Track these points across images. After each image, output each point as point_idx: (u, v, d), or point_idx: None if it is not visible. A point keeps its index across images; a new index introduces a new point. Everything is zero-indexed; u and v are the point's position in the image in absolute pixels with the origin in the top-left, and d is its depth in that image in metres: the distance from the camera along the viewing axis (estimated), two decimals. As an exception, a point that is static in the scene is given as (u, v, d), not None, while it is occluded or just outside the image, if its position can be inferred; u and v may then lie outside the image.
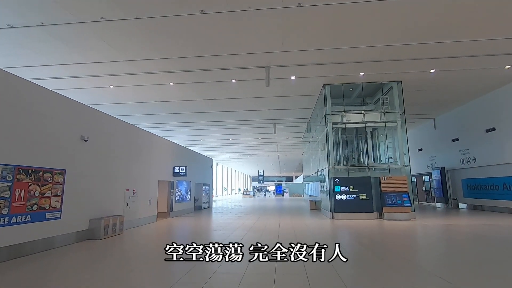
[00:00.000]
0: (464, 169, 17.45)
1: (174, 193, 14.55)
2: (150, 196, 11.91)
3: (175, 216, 14.55)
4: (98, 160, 8.66)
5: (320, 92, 14.56)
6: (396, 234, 8.73)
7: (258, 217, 14.06)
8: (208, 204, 21.01)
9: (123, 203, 9.85)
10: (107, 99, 15.31)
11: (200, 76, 12.49)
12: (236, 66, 11.69)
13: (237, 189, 67.30)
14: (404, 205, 11.79)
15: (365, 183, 12.36)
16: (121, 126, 10.33)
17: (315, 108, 17.38)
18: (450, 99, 15.95)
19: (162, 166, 13.41)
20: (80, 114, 8.15)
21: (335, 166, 13.31)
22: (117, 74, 12.34)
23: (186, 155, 16.94)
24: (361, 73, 12.40)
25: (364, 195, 12.23)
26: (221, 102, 16.20)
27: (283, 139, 28.24)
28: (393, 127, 13.58)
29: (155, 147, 12.83)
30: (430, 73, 12.25)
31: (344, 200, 12.28)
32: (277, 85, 13.61)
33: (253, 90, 14.39)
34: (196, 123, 21.19)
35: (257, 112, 18.56)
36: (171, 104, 16.53)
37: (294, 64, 11.53)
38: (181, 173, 14.45)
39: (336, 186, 12.41)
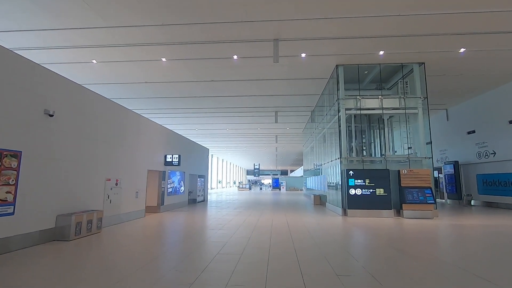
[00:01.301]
0: (480, 163, 16.21)
1: (166, 185, 12.96)
2: (137, 187, 10.31)
3: (167, 210, 12.99)
4: (68, 141, 7.00)
5: (331, 75, 13.01)
6: (430, 236, 7.34)
7: (261, 213, 12.58)
8: (203, 197, 19.49)
9: (102, 195, 8.23)
10: (90, 77, 13.50)
11: (197, 50, 10.80)
12: (239, 39, 10.03)
13: (232, 182, 65.94)
14: (427, 202, 10.44)
15: (383, 176, 10.94)
16: (102, 102, 8.62)
17: (322, 95, 15.85)
18: (472, 86, 14.55)
19: (153, 153, 11.78)
20: (44, 82, 6.43)
21: (348, 157, 11.84)
22: (100, 45, 10.56)
23: (180, 143, 15.29)
24: (380, 51, 10.86)
25: (381, 189, 10.83)
26: (219, 85, 14.53)
27: (283, 129, 26.73)
28: (412, 115, 12.14)
29: (144, 131, 11.17)
30: (459, 53, 10.79)
31: (358, 195, 10.87)
32: (284, 65, 12.01)
33: (256, 71, 12.75)
34: (191, 109, 19.48)
35: (259, 98, 16.94)
36: (163, 86, 14.81)
37: (306, 37, 9.92)
38: (174, 162, 12.84)
39: (350, 180, 10.98)
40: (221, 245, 6.12)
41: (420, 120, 11.66)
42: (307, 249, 5.73)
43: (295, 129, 26.66)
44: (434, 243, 6.72)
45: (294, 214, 11.97)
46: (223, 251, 5.55)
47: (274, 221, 9.65)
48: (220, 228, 8.28)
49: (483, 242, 6.62)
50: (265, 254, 5.31)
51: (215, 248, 5.86)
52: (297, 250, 5.61)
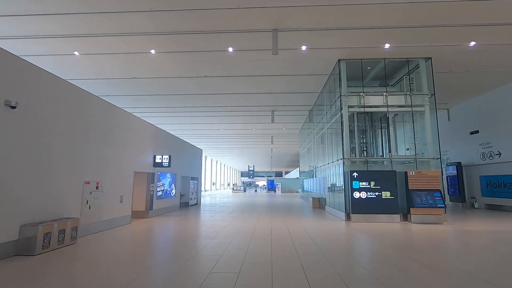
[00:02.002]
0: (484, 165, 15.65)
1: (155, 188, 12.00)
2: (122, 191, 9.35)
3: (156, 215, 12.02)
4: (37, 138, 6.04)
5: (332, 71, 12.27)
6: (445, 244, 6.59)
7: (257, 217, 11.71)
8: (196, 200, 18.53)
9: (80, 200, 7.26)
10: (73, 72, 12.48)
11: (189, 41, 9.93)
12: (235, 28, 9.20)
13: (226, 184, 64.90)
14: (437, 205, 9.72)
15: (389, 178, 10.19)
16: (79, 94, 7.66)
17: (321, 93, 15.11)
18: (477, 84, 13.98)
19: (140, 153, 10.82)
20: (5, 68, 5.49)
21: (351, 158, 11.06)
22: (82, 35, 9.60)
23: (171, 142, 14.35)
24: (386, 44, 10.13)
25: (387, 192, 10.08)
26: (213, 81, 13.65)
27: (279, 130, 25.94)
28: (417, 113, 11.45)
29: (131, 129, 10.23)
30: (469, 47, 10.15)
31: (363, 199, 10.09)
32: (284, 60, 11.22)
33: (253, 66, 11.91)
34: (184, 108, 18.53)
35: (255, 97, 16.11)
36: (153, 82, 13.86)
37: (308, 27, 9.15)
38: (164, 163, 11.90)
39: (354, 182, 10.20)
40: (215, 259, 5.24)
41: (427, 118, 10.97)
42: (316, 265, 4.88)
43: (292, 130, 25.92)
44: (451, 251, 5.96)
45: (293, 219, 11.14)
46: (216, 269, 4.68)
47: (273, 228, 8.79)
48: (214, 237, 7.38)
49: (504, 251, 5.87)
50: (267, 273, 4.46)
51: (208, 264, 4.98)
52: (305, 267, 4.76)
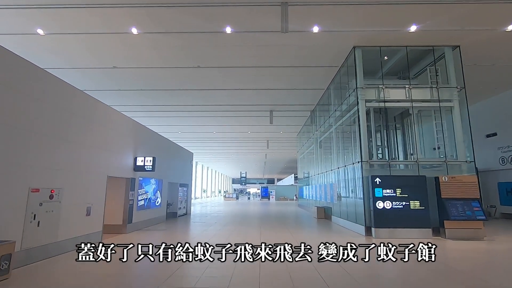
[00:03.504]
0: (503, 170, 14.29)
1: (136, 196, 10.01)
2: (90, 200, 7.35)
3: (137, 229, 9.99)
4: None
5: (343, 64, 10.72)
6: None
7: (259, 231, 9.83)
8: (186, 210, 16.48)
9: (23, 215, 5.27)
10: (39, 59, 10.44)
11: (179, 19, 8.17)
12: (236, 0, 7.51)
13: (217, 191, 62.59)
14: (476, 218, 8.11)
15: (418, 185, 8.54)
16: (16, 65, 5.71)
17: (327, 90, 13.55)
18: (500, 80, 12.68)
19: (116, 154, 8.87)
20: None
21: (371, 160, 9.39)
22: (45, 5, 7.71)
23: (156, 143, 12.40)
24: (412, 26, 8.58)
25: (417, 202, 8.41)
26: (206, 73, 11.87)
27: (276, 133, 24.27)
28: (443, 109, 9.93)
29: (104, 123, 8.29)
30: (507, 32, 8.75)
31: (388, 209, 8.39)
32: (291, 45, 9.56)
33: (254, 53, 10.20)
34: (173, 106, 16.63)
35: (253, 94, 14.40)
36: (136, 74, 11.97)
37: (322, 1, 7.53)
38: (147, 167, 9.95)
39: (376, 189, 8.49)
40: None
41: (456, 114, 9.47)
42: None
43: (289, 134, 24.29)
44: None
45: (303, 233, 9.33)
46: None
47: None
48: (208, 267, 5.42)
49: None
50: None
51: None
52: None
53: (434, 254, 4.26)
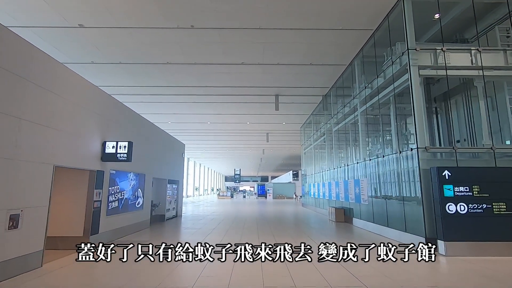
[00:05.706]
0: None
1: (105, 196, 7.28)
2: (18, 203, 4.62)
3: (107, 241, 7.25)
4: None
5: (380, 25, 8.23)
6: None
7: (272, 239, 7.24)
8: (176, 211, 13.79)
9: None
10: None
11: None
12: None
13: (210, 189, 59.84)
14: None
15: (501, 180, 6.11)
16: None
17: (350, 65, 11.06)
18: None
19: (71, 135, 6.12)
20: None
21: (430, 146, 6.88)
22: None
23: (135, 125, 9.64)
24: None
25: (502, 205, 5.98)
26: (202, 38, 9.18)
27: (278, 125, 21.76)
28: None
29: (49, 85, 5.51)
30: None
31: (462, 214, 5.94)
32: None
33: (265, 8, 7.57)
34: (161, 88, 13.87)
35: (259, 71, 11.77)
36: (110, 36, 9.15)
37: None
38: (121, 156, 7.21)
39: (445, 186, 6.03)
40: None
41: (539, 87, 7.10)
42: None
43: (293, 124, 21.82)
44: None
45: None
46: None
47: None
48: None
49: None
50: None
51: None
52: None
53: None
